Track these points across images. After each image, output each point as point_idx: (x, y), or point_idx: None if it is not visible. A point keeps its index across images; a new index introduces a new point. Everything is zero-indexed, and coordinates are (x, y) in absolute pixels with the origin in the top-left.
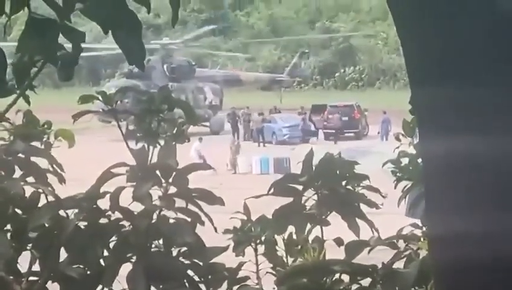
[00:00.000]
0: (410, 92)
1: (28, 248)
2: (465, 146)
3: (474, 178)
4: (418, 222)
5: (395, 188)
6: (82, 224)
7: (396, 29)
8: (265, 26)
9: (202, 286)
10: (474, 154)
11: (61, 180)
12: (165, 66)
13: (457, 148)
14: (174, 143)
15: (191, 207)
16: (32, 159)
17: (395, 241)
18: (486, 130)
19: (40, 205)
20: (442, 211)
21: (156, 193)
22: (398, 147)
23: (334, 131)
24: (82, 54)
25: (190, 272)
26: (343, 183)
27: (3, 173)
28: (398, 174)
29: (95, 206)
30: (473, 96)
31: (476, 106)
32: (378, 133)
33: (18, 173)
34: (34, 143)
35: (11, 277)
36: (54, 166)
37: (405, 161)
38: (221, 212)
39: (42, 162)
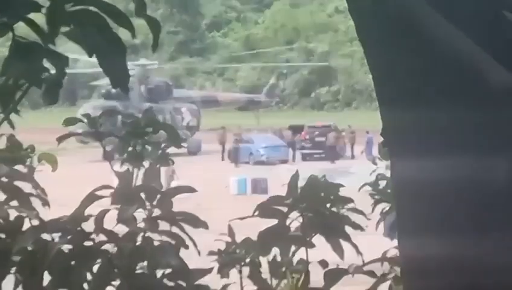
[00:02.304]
0: (380, 116)
1: (12, 271)
2: (434, 169)
3: (444, 201)
4: None
5: (373, 211)
6: (66, 247)
7: (366, 58)
8: (243, 46)
9: None
10: (444, 177)
11: (45, 204)
12: (142, 87)
13: (426, 171)
14: (158, 166)
15: (175, 229)
16: (16, 183)
17: (381, 263)
18: (456, 153)
19: (24, 228)
20: (412, 233)
21: (140, 215)
22: (374, 171)
23: (312, 151)
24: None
25: None
26: (328, 205)
27: None
28: (376, 197)
29: (79, 229)
30: (442, 119)
31: (445, 129)
32: (362, 152)
33: (1, 196)
34: (17, 167)
35: None
36: (38, 190)
37: (383, 183)
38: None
39: (25, 185)
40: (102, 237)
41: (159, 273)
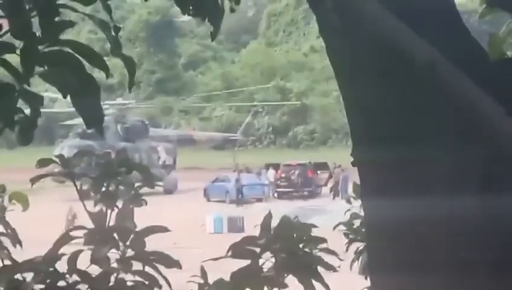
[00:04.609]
0: (353, 153)
1: None
2: (406, 206)
3: (414, 239)
4: None
5: (347, 250)
6: (39, 287)
7: (342, 97)
8: (219, 85)
9: None
10: (415, 215)
11: (16, 243)
12: (118, 126)
13: (397, 208)
14: (131, 206)
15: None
16: None
17: None
18: (427, 191)
19: None
20: (383, 269)
21: (113, 255)
22: (349, 210)
23: (288, 190)
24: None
25: None
26: (301, 245)
27: None
28: (350, 236)
29: (52, 269)
30: (414, 156)
31: (416, 166)
32: (330, 191)
33: None
34: None
35: None
36: (8, 230)
37: (357, 222)
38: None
39: None
40: (75, 278)
41: None
